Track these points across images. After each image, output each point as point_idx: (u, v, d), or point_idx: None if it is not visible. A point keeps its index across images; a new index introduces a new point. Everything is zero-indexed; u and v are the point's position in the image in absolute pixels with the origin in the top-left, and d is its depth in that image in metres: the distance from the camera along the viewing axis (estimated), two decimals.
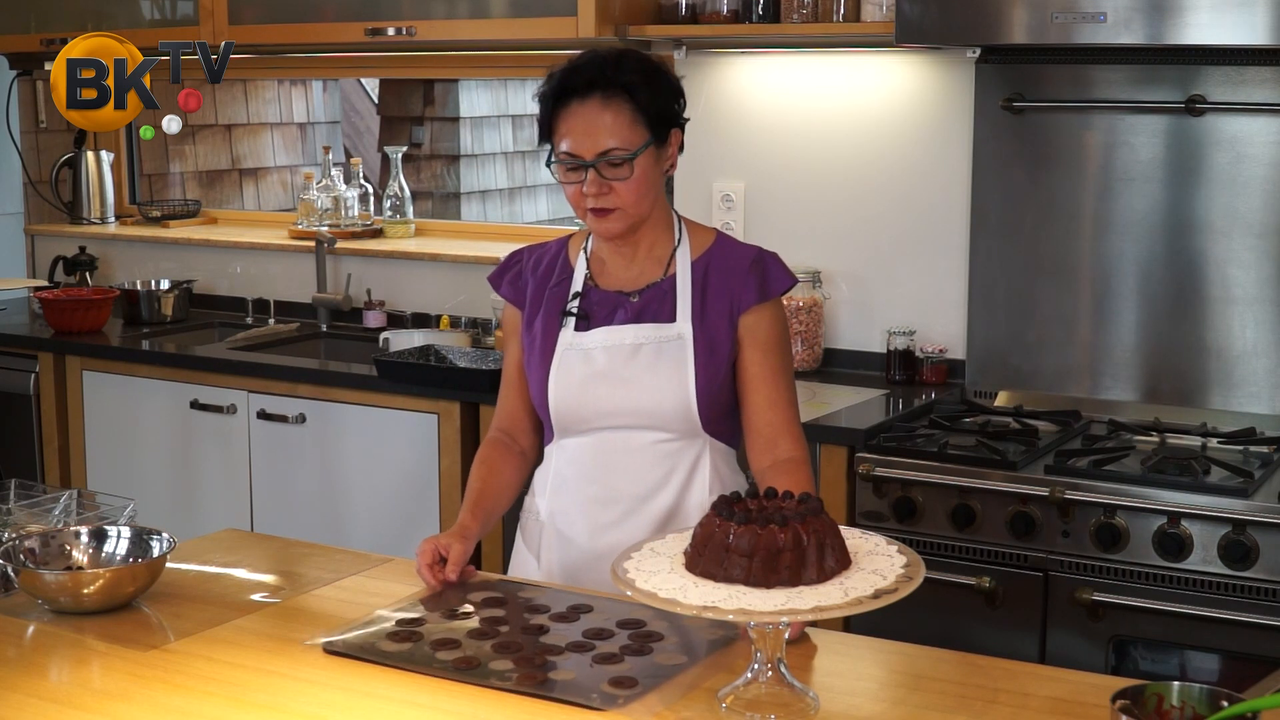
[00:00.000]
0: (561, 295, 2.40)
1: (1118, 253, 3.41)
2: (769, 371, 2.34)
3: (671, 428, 2.33)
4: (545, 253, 2.47)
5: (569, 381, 2.35)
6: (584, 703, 1.81)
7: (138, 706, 1.84)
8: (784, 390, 2.36)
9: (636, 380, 2.32)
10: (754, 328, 2.34)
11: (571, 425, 2.37)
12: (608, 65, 2.28)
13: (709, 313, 2.34)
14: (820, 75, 3.78)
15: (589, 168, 2.26)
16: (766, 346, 2.34)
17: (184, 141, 5.80)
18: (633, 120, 2.27)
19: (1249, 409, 3.29)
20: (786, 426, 2.35)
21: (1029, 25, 3.10)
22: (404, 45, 4.06)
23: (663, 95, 2.31)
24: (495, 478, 2.42)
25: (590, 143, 2.26)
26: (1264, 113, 3.22)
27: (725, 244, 2.41)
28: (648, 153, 2.28)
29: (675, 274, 2.37)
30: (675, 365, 2.32)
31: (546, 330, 2.39)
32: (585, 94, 2.27)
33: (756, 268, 2.35)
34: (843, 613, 1.72)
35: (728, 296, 2.34)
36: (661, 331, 2.33)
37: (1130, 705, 1.59)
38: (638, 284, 2.38)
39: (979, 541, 3.00)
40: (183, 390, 4.06)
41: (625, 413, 2.33)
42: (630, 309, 2.36)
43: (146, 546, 2.26)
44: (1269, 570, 2.74)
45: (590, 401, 2.34)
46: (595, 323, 2.36)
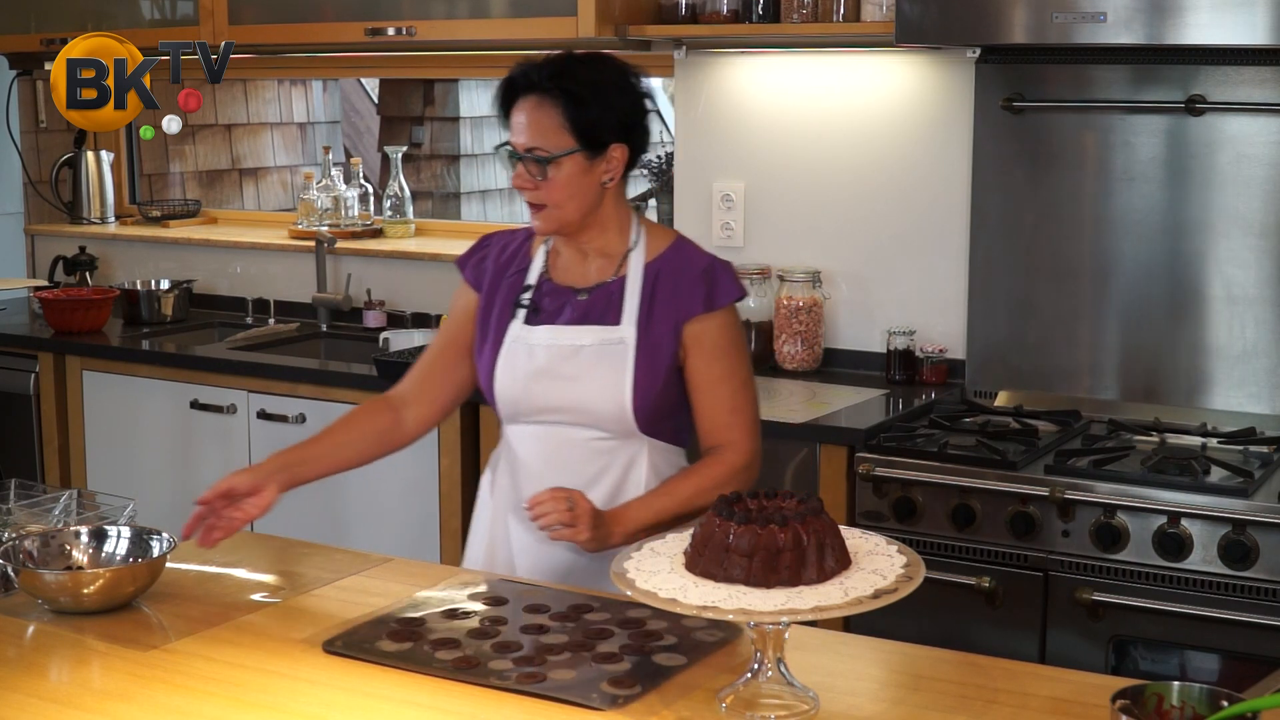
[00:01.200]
0: (517, 285, 2.47)
1: (1118, 253, 3.41)
2: (712, 379, 2.39)
3: (607, 427, 2.39)
4: (512, 240, 2.55)
5: (513, 374, 2.42)
6: (584, 703, 1.81)
7: (138, 706, 1.84)
8: (727, 397, 2.41)
9: (576, 380, 2.38)
10: (700, 336, 2.38)
11: (515, 414, 2.45)
12: (558, 68, 2.34)
13: (654, 318, 2.38)
14: (820, 75, 3.78)
15: (518, 159, 2.36)
16: (712, 354, 2.39)
17: (184, 141, 5.80)
18: (560, 126, 2.33)
19: (1249, 409, 3.29)
20: (727, 432, 2.40)
21: (1029, 25, 3.10)
22: (404, 45, 4.06)
23: (604, 109, 2.35)
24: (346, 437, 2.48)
25: (522, 137, 2.35)
26: (1264, 113, 3.22)
27: (680, 249, 2.44)
28: (573, 160, 2.33)
29: (626, 276, 2.41)
30: (614, 369, 2.36)
31: (499, 319, 2.45)
32: (528, 90, 2.35)
33: (706, 277, 2.40)
34: (843, 613, 1.72)
35: (674, 304, 2.38)
36: (604, 334, 2.38)
37: (1130, 705, 1.59)
38: (588, 281, 2.43)
39: (979, 541, 3.00)
40: (183, 390, 4.06)
41: (563, 410, 2.39)
42: (578, 307, 2.41)
43: (146, 546, 2.26)
44: (1269, 570, 2.74)
45: (531, 396, 2.41)
46: (544, 317, 2.42)
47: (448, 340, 2.54)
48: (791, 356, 3.75)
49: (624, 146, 2.38)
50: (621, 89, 2.38)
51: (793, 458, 3.23)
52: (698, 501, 2.32)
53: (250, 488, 2.30)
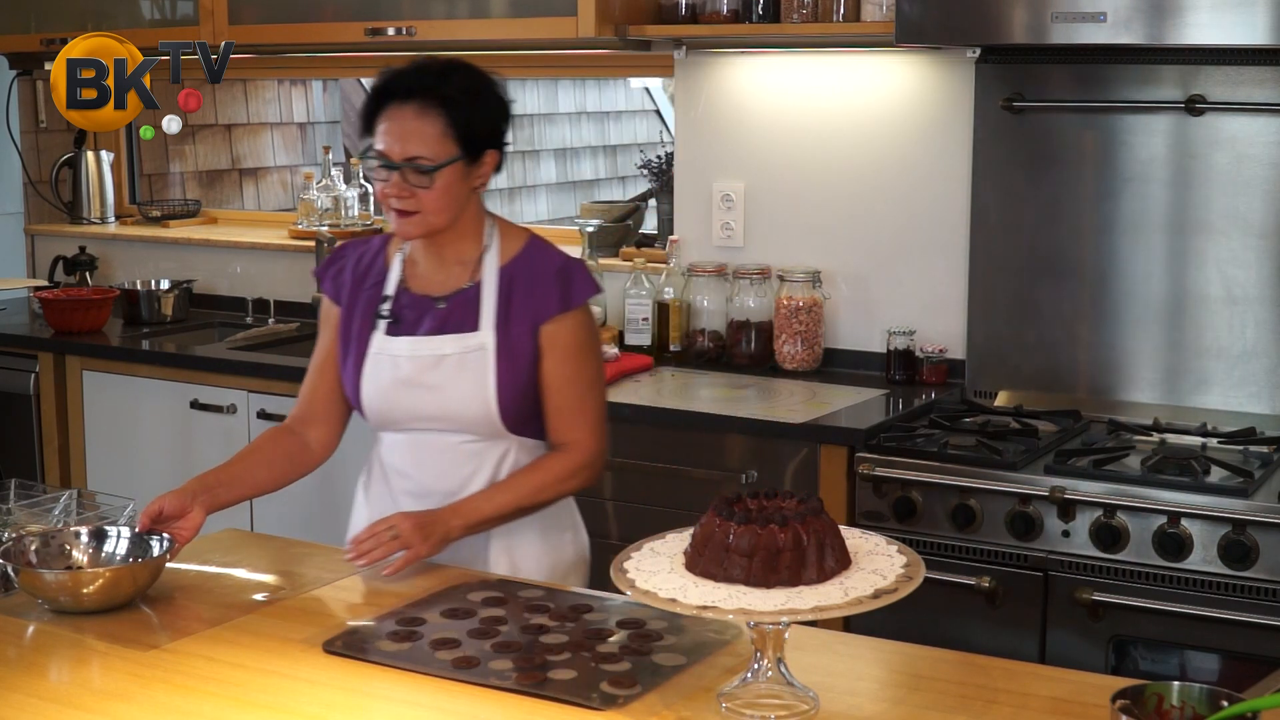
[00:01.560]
0: (375, 296, 2.48)
1: (1118, 253, 3.41)
2: (562, 379, 2.43)
3: (475, 431, 2.43)
4: (368, 250, 2.55)
5: (379, 386, 2.44)
6: (584, 703, 1.81)
7: (138, 706, 1.84)
8: (574, 396, 2.44)
9: (441, 389, 2.41)
10: (554, 336, 2.42)
11: (383, 424, 2.48)
12: (433, 76, 2.36)
13: (512, 321, 2.41)
14: (820, 75, 3.78)
15: (395, 169, 2.33)
16: (564, 354, 2.42)
17: (184, 141, 5.80)
18: (443, 134, 2.34)
19: (1249, 409, 3.29)
20: (572, 431, 2.44)
21: (1029, 25, 3.10)
22: (404, 45, 4.06)
23: (482, 116, 2.39)
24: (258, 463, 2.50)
25: (399, 147, 2.33)
26: (1264, 113, 3.22)
27: (534, 250, 2.47)
28: (454, 168, 2.35)
29: (482, 281, 2.43)
30: (477, 375, 2.40)
31: (361, 331, 2.47)
32: (404, 99, 2.34)
33: (561, 277, 2.43)
34: (843, 613, 1.72)
35: (531, 305, 2.42)
36: (464, 342, 2.41)
37: (1130, 705, 1.59)
38: (446, 288, 2.45)
39: (979, 541, 3.00)
40: (183, 390, 4.06)
41: (431, 417, 2.43)
42: (437, 316, 2.43)
43: (146, 546, 2.26)
44: (1269, 570, 2.74)
45: (398, 406, 2.44)
46: (405, 327, 2.44)
47: (324, 356, 2.54)
48: (791, 356, 3.75)
49: (495, 153, 2.42)
50: (494, 96, 2.41)
51: (793, 458, 3.23)
52: (539, 496, 2.42)
53: (178, 510, 2.31)
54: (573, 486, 2.46)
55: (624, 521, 3.40)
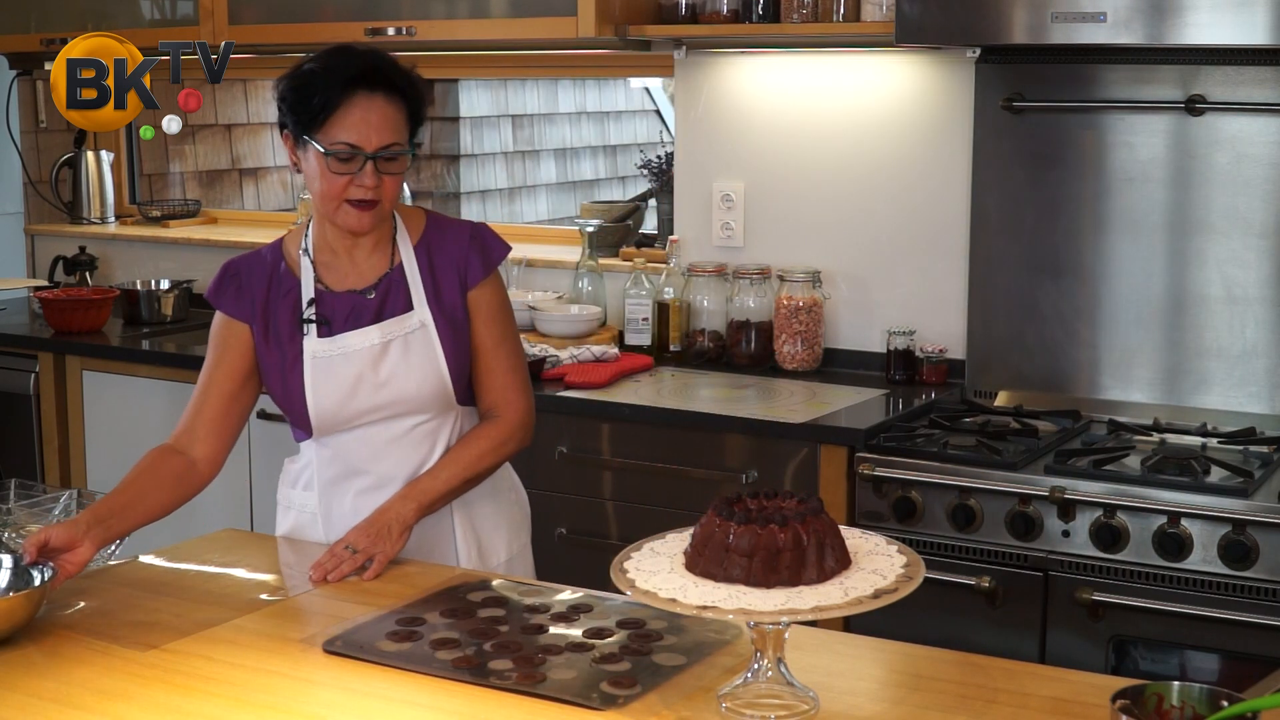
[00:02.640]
0: (293, 304, 2.42)
1: (1118, 253, 3.41)
2: (493, 342, 2.46)
3: (428, 409, 2.44)
4: (259, 263, 2.47)
5: (327, 389, 2.40)
6: (584, 703, 1.81)
7: (138, 706, 1.84)
8: (504, 358, 2.48)
9: (394, 376, 2.41)
10: (479, 301, 2.45)
11: (335, 426, 2.44)
12: (388, 64, 2.35)
13: (443, 293, 2.43)
14: (820, 75, 3.78)
15: (368, 160, 2.30)
16: (489, 318, 2.46)
17: (184, 141, 5.80)
18: (404, 124, 2.36)
19: (1249, 409, 3.29)
20: (505, 392, 2.47)
21: (1029, 25, 3.10)
22: (404, 45, 4.06)
23: (420, 101, 2.40)
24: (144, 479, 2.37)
25: (376, 136, 2.31)
26: (1264, 113, 3.22)
27: (437, 223, 2.49)
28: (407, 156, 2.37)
29: (401, 262, 2.44)
30: (425, 354, 2.41)
31: (290, 341, 2.41)
32: (372, 88, 2.31)
33: (476, 242, 2.46)
34: (843, 613, 1.72)
35: (456, 273, 2.44)
36: (404, 324, 2.41)
37: (1130, 705, 1.59)
38: (368, 279, 2.44)
39: (979, 541, 3.00)
40: (183, 390, 4.02)
41: (384, 406, 2.42)
42: (370, 307, 2.42)
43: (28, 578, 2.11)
44: (1269, 570, 2.74)
45: (351, 403, 2.41)
46: (338, 327, 2.41)
47: (226, 374, 2.44)
48: (791, 356, 3.75)
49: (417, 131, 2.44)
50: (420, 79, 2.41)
51: (793, 458, 3.23)
52: (480, 464, 2.43)
53: (66, 543, 2.17)
54: (511, 449, 2.48)
55: (624, 521, 3.40)
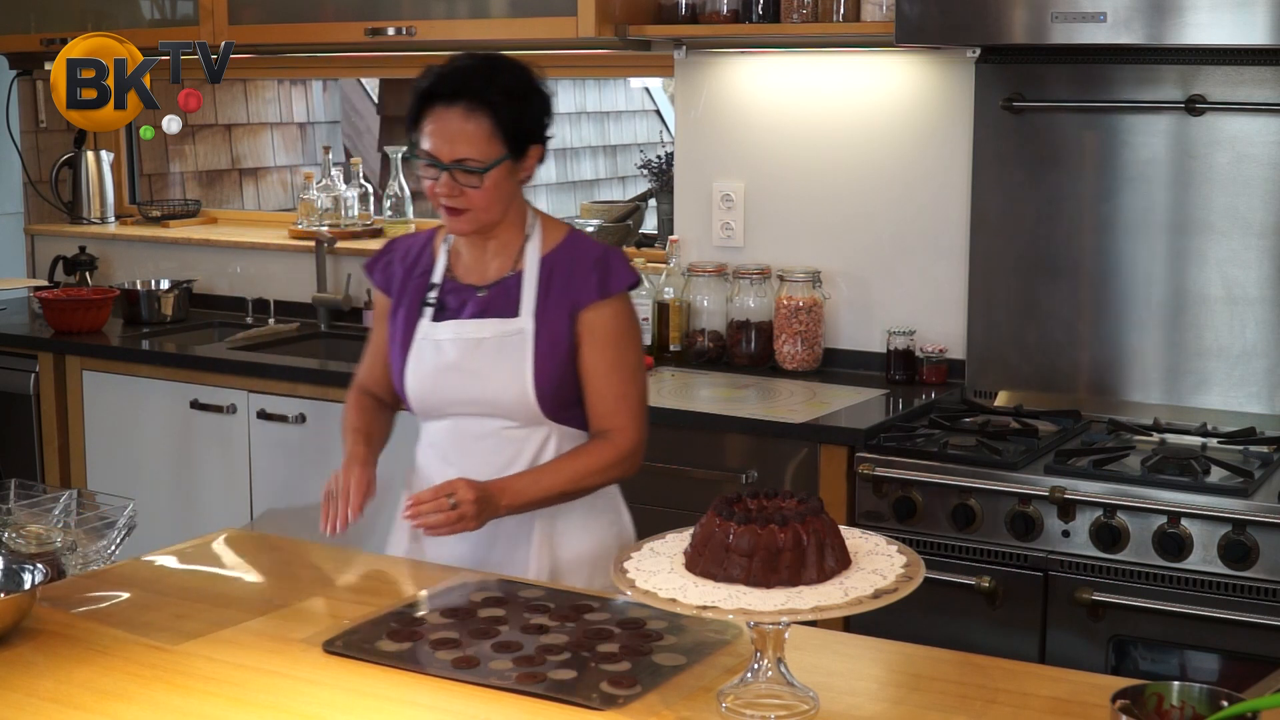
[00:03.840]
0: (422, 286, 2.53)
1: (1118, 253, 3.41)
2: (604, 366, 2.45)
3: (514, 416, 2.45)
4: (415, 243, 2.60)
5: (422, 372, 2.48)
6: (584, 703, 1.81)
7: (138, 706, 1.84)
8: (617, 384, 2.46)
9: (481, 373, 2.44)
10: (592, 324, 2.45)
11: (427, 411, 2.51)
12: (479, 76, 2.37)
13: (551, 308, 2.44)
14: (820, 75, 3.78)
15: (444, 170, 2.36)
16: (603, 342, 2.45)
17: (184, 141, 5.80)
18: (491, 135, 2.37)
19: (1249, 409, 3.29)
20: (614, 418, 2.46)
21: (1029, 25, 3.10)
22: (404, 45, 4.06)
23: (527, 113, 2.41)
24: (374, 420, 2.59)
25: (448, 148, 2.36)
26: (1264, 113, 3.22)
27: (574, 241, 2.51)
28: (501, 166, 2.39)
29: (523, 269, 2.47)
30: (515, 359, 2.43)
31: (408, 319, 2.52)
32: (451, 100, 2.36)
33: (600, 265, 2.46)
34: (843, 613, 1.72)
35: (570, 293, 2.45)
36: (504, 326, 2.45)
37: (1130, 705, 1.59)
38: (488, 278, 2.50)
39: (979, 541, 3.00)
40: (183, 390, 4.06)
41: (472, 402, 2.46)
42: (478, 303, 2.48)
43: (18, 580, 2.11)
44: (1269, 570, 2.74)
45: (441, 391, 2.47)
46: (448, 314, 2.49)
47: (379, 341, 2.61)
48: (791, 356, 3.75)
49: (540, 147, 2.45)
50: (538, 92, 2.44)
51: (793, 458, 3.23)
52: (581, 483, 2.44)
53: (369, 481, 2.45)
54: (615, 475, 2.48)
55: None
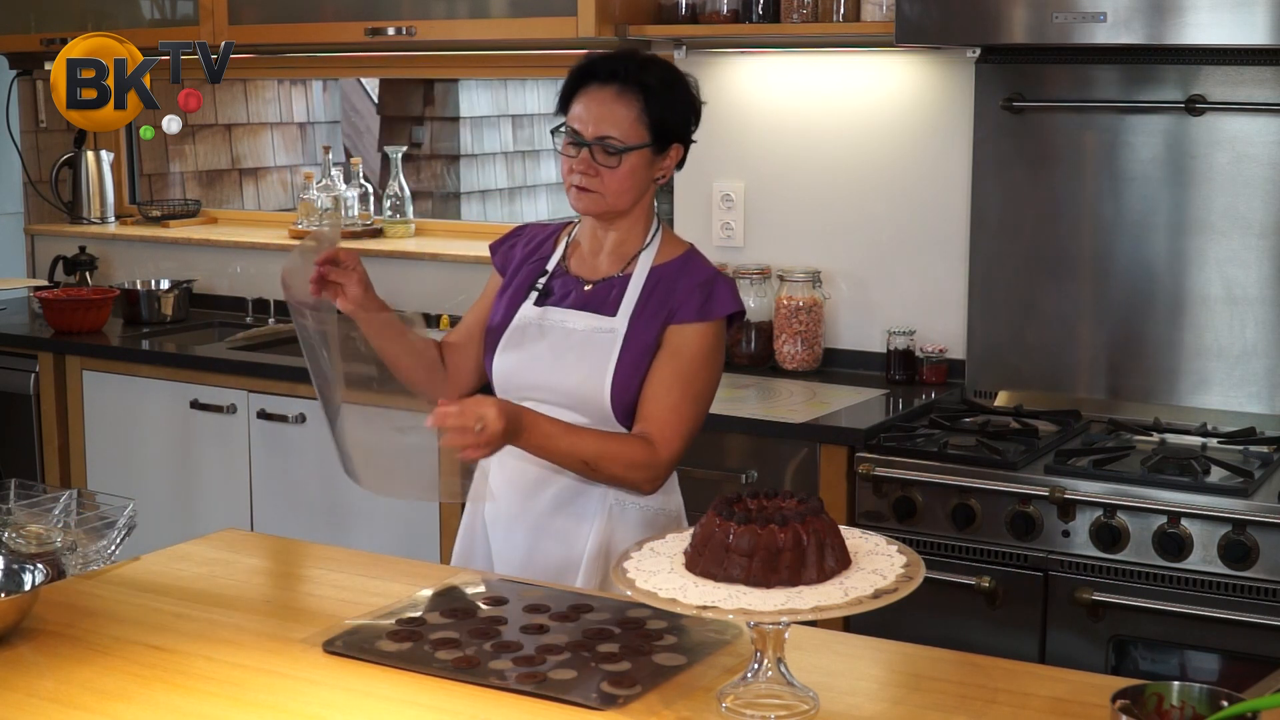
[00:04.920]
0: (536, 271, 2.55)
1: (1118, 253, 3.41)
2: (669, 376, 2.40)
3: (587, 413, 2.43)
4: (543, 232, 2.63)
5: (512, 350, 2.49)
6: (584, 703, 1.81)
7: (138, 706, 1.84)
8: (676, 397, 2.39)
9: (564, 363, 2.44)
10: (674, 337, 2.42)
11: (508, 390, 2.49)
12: (636, 63, 2.43)
13: (647, 317, 2.43)
14: (820, 75, 3.78)
15: (585, 147, 2.38)
16: (679, 356, 2.41)
17: (184, 141, 5.80)
18: (637, 119, 2.40)
19: (1249, 409, 3.29)
20: (661, 427, 2.37)
21: (1029, 25, 3.10)
22: (404, 45, 4.06)
23: (675, 108, 2.45)
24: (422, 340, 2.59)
25: (593, 125, 2.39)
26: (1264, 113, 3.22)
27: (688, 258, 2.50)
28: (641, 154, 2.41)
29: (632, 274, 2.47)
30: (600, 356, 2.42)
31: (512, 301, 2.53)
32: (605, 80, 2.41)
33: (704, 288, 2.44)
34: (843, 613, 1.72)
35: (668, 307, 2.43)
36: (598, 322, 2.44)
37: (1130, 705, 1.59)
38: (598, 274, 2.50)
39: (979, 541, 3.00)
40: (183, 390, 4.06)
41: (550, 389, 2.45)
42: (581, 296, 2.49)
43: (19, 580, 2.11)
44: (1269, 570, 2.74)
45: (524, 373, 2.47)
46: (552, 300, 2.50)
47: (479, 311, 2.61)
48: (791, 356, 3.75)
49: (681, 147, 2.48)
50: (689, 92, 2.49)
51: (793, 458, 3.23)
52: (604, 465, 2.34)
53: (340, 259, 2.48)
54: (635, 478, 2.37)
55: None
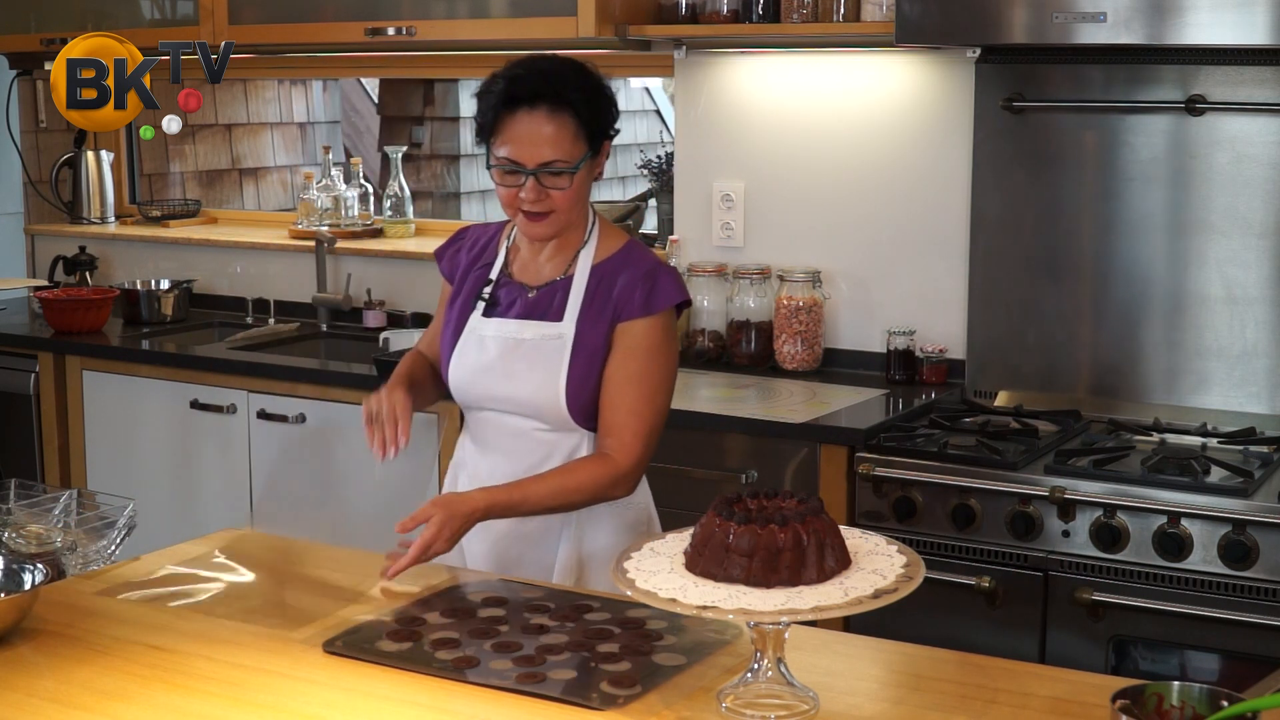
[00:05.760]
0: (481, 278, 2.54)
1: (1118, 253, 3.41)
2: (623, 378, 2.42)
3: (546, 420, 2.45)
4: (484, 234, 2.61)
5: (464, 365, 2.49)
6: (584, 703, 1.81)
7: (138, 706, 1.84)
8: (632, 398, 2.41)
9: (517, 374, 2.44)
10: (623, 336, 2.43)
11: (467, 402, 2.53)
12: (556, 77, 2.36)
13: (593, 317, 2.43)
14: (820, 75, 3.78)
15: (529, 175, 2.34)
16: (632, 354, 2.42)
17: (184, 141, 5.80)
18: (575, 135, 2.36)
19: (1249, 409, 3.29)
20: (620, 433, 2.40)
21: (1029, 25, 3.10)
22: (404, 45, 4.06)
23: (603, 111, 2.41)
24: (420, 365, 2.61)
25: (534, 152, 2.34)
26: (1264, 113, 3.22)
27: (629, 252, 2.48)
28: (585, 166, 2.38)
29: (574, 275, 2.46)
30: (551, 364, 2.42)
31: (462, 311, 2.54)
32: (533, 104, 2.34)
33: (648, 280, 2.43)
34: (843, 613, 1.72)
35: (614, 304, 2.43)
36: (545, 330, 2.45)
37: (1130, 705, 1.59)
38: (541, 278, 2.49)
39: (979, 541, 3.00)
40: (183, 390, 4.06)
41: (507, 400, 2.46)
42: (526, 303, 2.48)
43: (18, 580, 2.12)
44: (1269, 570, 2.74)
45: (479, 386, 2.48)
46: (498, 310, 2.49)
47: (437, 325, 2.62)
48: (791, 356, 3.75)
49: (608, 142, 2.45)
50: (606, 88, 2.43)
51: (793, 458, 3.23)
52: (576, 498, 2.39)
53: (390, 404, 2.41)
54: (605, 495, 2.40)
55: None
